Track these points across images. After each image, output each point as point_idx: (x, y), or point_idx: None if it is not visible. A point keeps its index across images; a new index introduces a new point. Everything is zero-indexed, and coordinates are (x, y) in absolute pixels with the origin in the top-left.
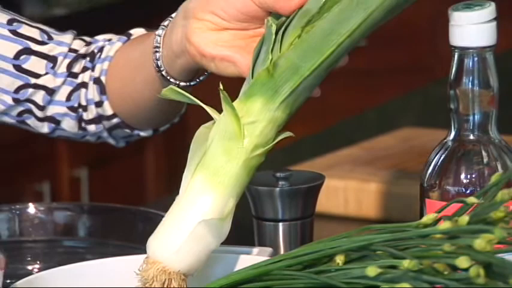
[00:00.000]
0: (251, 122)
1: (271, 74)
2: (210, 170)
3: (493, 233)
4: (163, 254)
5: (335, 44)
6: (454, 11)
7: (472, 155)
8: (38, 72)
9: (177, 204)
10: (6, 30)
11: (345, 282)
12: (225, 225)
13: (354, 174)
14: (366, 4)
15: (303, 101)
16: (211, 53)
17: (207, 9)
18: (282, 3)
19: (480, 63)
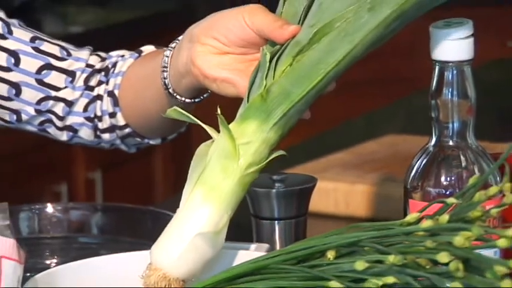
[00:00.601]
0: (246, 142)
1: (264, 99)
2: (208, 186)
3: (471, 231)
4: (164, 262)
5: (323, 72)
6: (434, 28)
7: (451, 159)
8: (58, 85)
9: (178, 216)
10: (29, 47)
11: (336, 275)
12: (220, 237)
13: (343, 177)
14: (352, 37)
15: (293, 123)
16: (213, 75)
17: (210, 35)
18: (276, 32)
19: (459, 76)
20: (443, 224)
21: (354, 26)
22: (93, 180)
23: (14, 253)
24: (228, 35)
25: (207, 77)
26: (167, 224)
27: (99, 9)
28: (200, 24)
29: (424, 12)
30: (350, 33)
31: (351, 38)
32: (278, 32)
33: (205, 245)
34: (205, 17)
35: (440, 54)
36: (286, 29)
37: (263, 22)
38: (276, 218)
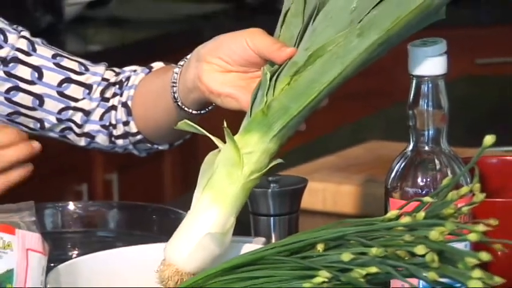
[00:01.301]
0: (249, 152)
1: (265, 113)
2: (215, 190)
3: (444, 226)
4: (176, 258)
5: (317, 90)
6: (412, 46)
7: (427, 162)
8: (76, 97)
9: (189, 217)
10: (51, 63)
11: (324, 265)
12: (227, 238)
13: (331, 178)
14: (342, 60)
15: (291, 134)
16: (218, 91)
17: (216, 55)
18: (275, 54)
19: (433, 89)
20: (420, 220)
21: (344, 49)
22: (110, 181)
23: (39, 246)
24: (231, 55)
25: (212, 92)
26: (174, 220)
27: (115, 30)
28: (207, 45)
29: (405, 38)
30: (341, 56)
31: (342, 60)
32: (276, 54)
33: (213, 244)
34: (211, 38)
35: (417, 69)
36: (283, 51)
37: (263, 44)
38: (271, 215)
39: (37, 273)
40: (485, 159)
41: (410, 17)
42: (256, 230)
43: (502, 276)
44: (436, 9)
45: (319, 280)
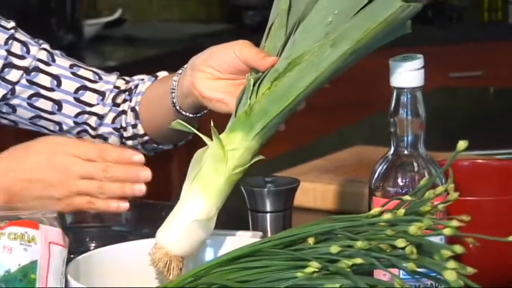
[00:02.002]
0: (233, 149)
1: (248, 114)
2: (202, 182)
3: (422, 222)
4: (166, 242)
5: (295, 94)
6: (393, 61)
7: (406, 165)
8: (91, 102)
9: (179, 205)
10: (69, 72)
11: (315, 257)
12: (211, 223)
13: (320, 179)
14: (317, 67)
15: (271, 134)
16: (210, 96)
17: (208, 64)
18: (259, 62)
19: (412, 99)
20: (400, 217)
21: (319, 58)
22: None
23: (60, 239)
24: (221, 64)
25: (204, 97)
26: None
27: (129, 47)
28: (200, 56)
29: (373, 49)
30: (316, 64)
31: (316, 68)
32: (260, 62)
33: (199, 229)
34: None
35: (397, 82)
36: (267, 60)
37: (249, 54)
38: (267, 211)
39: (58, 264)
40: (458, 162)
41: (378, 29)
42: (253, 225)
43: (474, 267)
44: (401, 23)
45: (310, 270)
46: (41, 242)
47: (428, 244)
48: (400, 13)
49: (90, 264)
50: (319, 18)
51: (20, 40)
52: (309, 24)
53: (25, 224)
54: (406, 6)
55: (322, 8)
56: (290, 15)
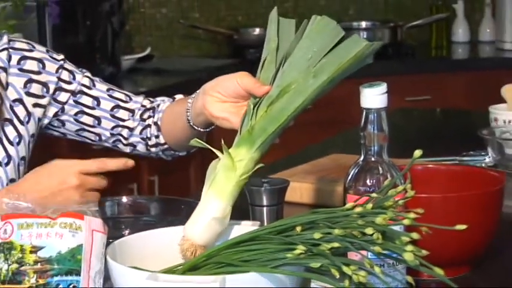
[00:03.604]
0: (239, 160)
1: (250, 133)
2: (217, 188)
3: (386, 214)
4: (192, 235)
5: (286, 116)
6: (363, 88)
7: (373, 169)
8: (124, 118)
9: (199, 206)
10: (106, 94)
11: (301, 241)
12: (226, 220)
13: (305, 180)
14: (303, 94)
15: (269, 147)
16: (217, 115)
17: (216, 90)
18: (256, 90)
19: (378, 117)
20: (368, 210)
21: (304, 86)
22: (153, 181)
23: (101, 228)
24: (226, 90)
25: (213, 116)
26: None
27: (156, 77)
28: (210, 83)
29: (345, 77)
30: (302, 91)
31: (302, 94)
32: (257, 90)
33: (217, 225)
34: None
35: (366, 103)
36: (262, 88)
37: (248, 83)
38: (264, 205)
39: (99, 247)
40: (414, 167)
41: (349, 63)
42: (253, 216)
43: (427, 249)
44: (366, 57)
45: (298, 252)
46: (85, 229)
47: (391, 231)
48: (366, 50)
49: (124, 247)
50: (302, 54)
51: (68, 69)
52: (294, 60)
53: (73, 216)
54: (370, 44)
55: (303, 46)
56: (278, 52)
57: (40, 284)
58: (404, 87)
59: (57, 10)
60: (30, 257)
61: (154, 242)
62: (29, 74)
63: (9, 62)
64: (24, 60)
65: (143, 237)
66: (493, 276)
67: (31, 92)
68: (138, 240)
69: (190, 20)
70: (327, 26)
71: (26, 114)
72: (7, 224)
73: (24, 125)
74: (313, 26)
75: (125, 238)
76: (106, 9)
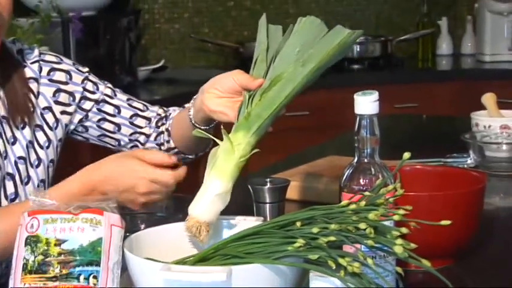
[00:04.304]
0: (238, 144)
1: (247, 119)
2: (218, 169)
3: (378, 211)
4: (196, 213)
5: (278, 102)
6: (357, 96)
7: (366, 170)
8: (141, 125)
9: (202, 187)
10: (126, 103)
11: (301, 235)
12: (227, 197)
13: (305, 179)
14: (293, 82)
15: (264, 132)
16: (215, 109)
17: (213, 87)
18: (251, 84)
19: (370, 123)
20: (362, 207)
21: (294, 75)
22: None
23: (119, 222)
24: (223, 86)
25: (211, 110)
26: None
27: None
28: (207, 83)
29: (330, 66)
30: (292, 80)
31: (292, 82)
32: (252, 84)
33: (219, 201)
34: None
35: (360, 110)
36: (256, 82)
37: (243, 79)
38: (267, 202)
39: (117, 240)
40: (403, 168)
41: (334, 50)
42: (257, 212)
43: (415, 243)
44: (348, 48)
45: (297, 245)
46: (104, 224)
47: (383, 226)
48: (348, 38)
49: (140, 241)
50: (290, 50)
51: (92, 80)
52: (283, 54)
53: (93, 211)
54: (352, 33)
55: (291, 43)
56: (268, 52)
57: (63, 274)
58: (394, 95)
59: (80, 26)
60: (54, 249)
61: (167, 236)
62: (57, 84)
63: (40, 73)
64: (54, 72)
65: (157, 232)
66: (475, 267)
67: (59, 100)
68: (153, 234)
69: (201, 34)
70: (312, 23)
71: (54, 120)
72: (34, 219)
73: (53, 131)
74: (300, 24)
75: (141, 232)
76: (124, 25)
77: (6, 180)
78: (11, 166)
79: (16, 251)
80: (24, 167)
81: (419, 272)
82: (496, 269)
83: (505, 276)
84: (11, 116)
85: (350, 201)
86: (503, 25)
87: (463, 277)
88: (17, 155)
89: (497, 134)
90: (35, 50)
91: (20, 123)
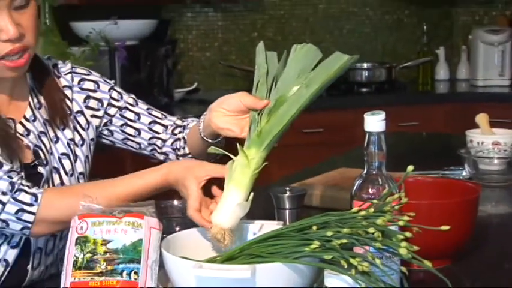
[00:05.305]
0: (252, 158)
1: (258, 136)
2: (236, 181)
3: (385, 217)
4: (220, 220)
5: (286, 120)
6: (366, 115)
7: (374, 180)
8: (158, 131)
9: (223, 196)
10: (146, 112)
11: (317, 238)
12: (247, 206)
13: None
14: (298, 102)
15: (272, 147)
16: (222, 127)
17: (221, 107)
18: (257, 104)
19: (378, 139)
20: (371, 213)
21: (298, 96)
22: None
23: (157, 225)
24: (230, 106)
25: (218, 127)
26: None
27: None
28: (215, 102)
29: (329, 85)
30: (297, 100)
31: (298, 102)
32: (258, 104)
33: (239, 210)
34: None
35: (369, 128)
36: (262, 102)
37: (249, 100)
38: (287, 208)
39: (156, 241)
40: (407, 179)
41: (335, 73)
42: (278, 217)
43: (418, 245)
44: (346, 69)
45: (314, 246)
46: (145, 226)
47: (389, 231)
48: (347, 62)
49: (175, 241)
50: (291, 74)
51: (117, 90)
52: (285, 78)
53: (135, 215)
54: (350, 58)
55: (291, 67)
56: (268, 76)
57: (108, 270)
58: (398, 115)
59: (124, 54)
60: (101, 248)
61: (199, 237)
62: (87, 92)
63: (72, 82)
64: (83, 81)
65: (191, 233)
66: (470, 267)
67: (89, 105)
68: (187, 235)
69: (228, 61)
70: (309, 50)
71: (86, 122)
72: (83, 221)
73: (85, 131)
74: (297, 51)
75: (176, 234)
76: (162, 53)
77: (52, 173)
78: (56, 161)
79: (67, 249)
80: (67, 161)
81: (421, 271)
82: (489, 269)
83: (498, 275)
84: (51, 118)
85: (360, 208)
86: (494, 54)
87: (460, 276)
88: (60, 151)
89: (489, 150)
90: (68, 64)
91: (60, 125)
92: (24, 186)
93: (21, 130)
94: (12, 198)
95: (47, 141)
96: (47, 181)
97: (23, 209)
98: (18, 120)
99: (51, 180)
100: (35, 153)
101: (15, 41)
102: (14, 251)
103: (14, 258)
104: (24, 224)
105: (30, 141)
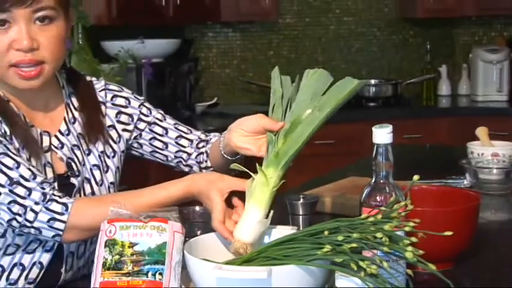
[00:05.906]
0: (270, 177)
1: (276, 156)
2: (256, 199)
3: (392, 223)
4: (241, 236)
5: (301, 141)
6: (375, 128)
7: (382, 189)
8: (184, 145)
9: (245, 213)
10: (173, 126)
11: (328, 242)
12: (267, 222)
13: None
14: (312, 125)
15: (288, 167)
16: (240, 146)
17: (239, 128)
18: (273, 126)
19: (385, 150)
20: (379, 219)
21: (312, 118)
22: None
23: (180, 229)
24: (248, 127)
25: (237, 147)
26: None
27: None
28: (234, 123)
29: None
30: (311, 122)
31: (312, 124)
32: (274, 126)
33: (260, 226)
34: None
35: (377, 139)
36: (278, 124)
37: (266, 122)
38: (300, 215)
39: (179, 244)
40: (413, 188)
41: (345, 97)
42: (292, 222)
43: (422, 250)
44: (356, 92)
45: (325, 250)
46: (169, 230)
47: (396, 236)
48: (358, 87)
49: (197, 244)
50: (304, 97)
51: (146, 106)
52: (298, 102)
53: (160, 220)
54: (360, 82)
55: (304, 92)
56: (283, 99)
57: (135, 270)
58: (403, 128)
59: (150, 70)
60: (128, 251)
61: (219, 241)
62: (119, 107)
63: (106, 98)
64: (116, 98)
65: (211, 237)
66: (471, 270)
67: (121, 120)
68: (207, 239)
69: (246, 77)
70: (321, 74)
71: (117, 136)
72: (111, 226)
73: (117, 144)
74: (309, 76)
75: (198, 237)
76: (185, 70)
77: (84, 183)
78: (88, 172)
79: (97, 251)
80: (98, 172)
81: (425, 274)
82: (489, 272)
83: (497, 277)
84: (86, 133)
85: (369, 214)
86: (493, 71)
87: (462, 278)
88: (92, 163)
89: (489, 160)
90: (102, 81)
91: (93, 139)
92: (56, 196)
93: (55, 143)
94: (44, 207)
95: (80, 154)
96: (78, 191)
97: (54, 217)
98: (53, 133)
99: (83, 190)
100: (68, 165)
101: (27, 52)
102: (48, 255)
103: (48, 261)
104: (55, 232)
105: (64, 154)
